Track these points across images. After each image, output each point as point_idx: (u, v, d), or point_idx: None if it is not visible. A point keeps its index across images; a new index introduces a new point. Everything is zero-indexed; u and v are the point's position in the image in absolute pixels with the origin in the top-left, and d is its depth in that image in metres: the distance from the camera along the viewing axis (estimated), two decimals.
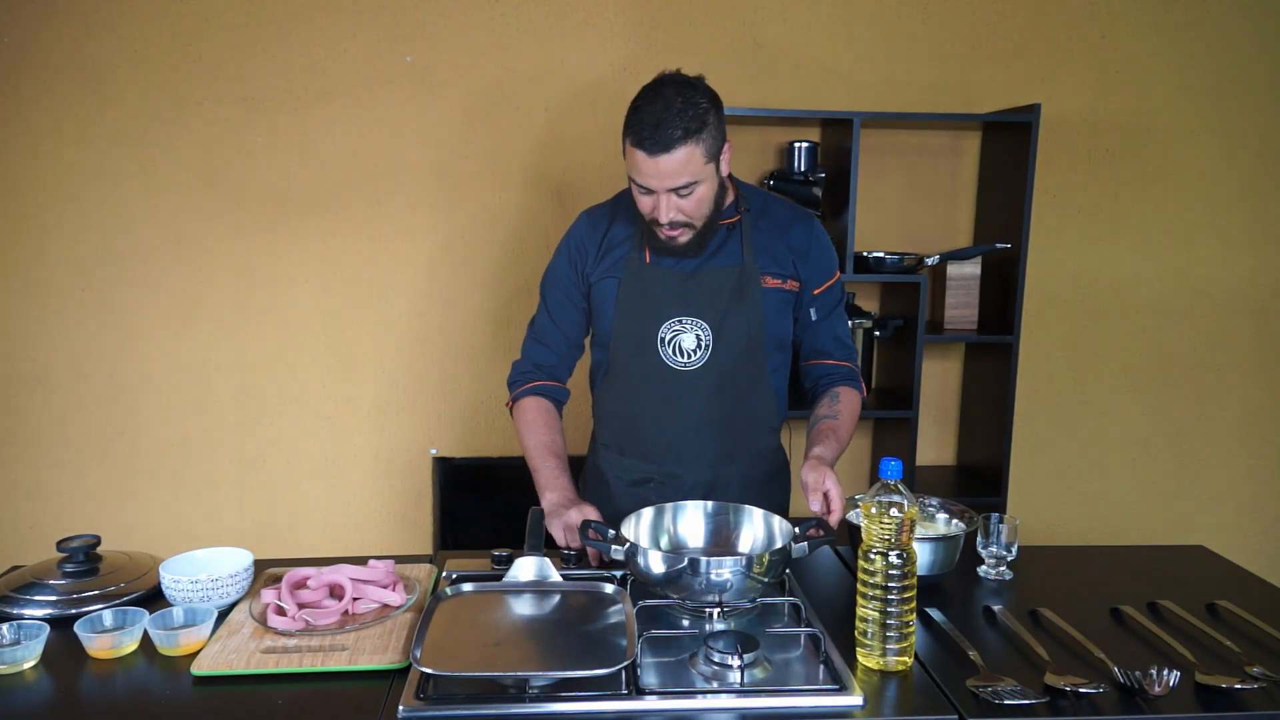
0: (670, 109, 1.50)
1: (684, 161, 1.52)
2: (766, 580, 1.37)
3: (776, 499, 1.85)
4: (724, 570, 1.34)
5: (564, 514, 1.61)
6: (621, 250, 1.72)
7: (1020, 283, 2.66)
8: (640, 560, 1.38)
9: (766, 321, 1.71)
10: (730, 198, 1.72)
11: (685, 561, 1.35)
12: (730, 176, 1.72)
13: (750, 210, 1.73)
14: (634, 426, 1.76)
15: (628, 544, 1.41)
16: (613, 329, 1.72)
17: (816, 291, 1.76)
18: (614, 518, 1.75)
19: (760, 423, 1.78)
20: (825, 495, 1.50)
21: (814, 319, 1.77)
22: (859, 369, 1.82)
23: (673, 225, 1.60)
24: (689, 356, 1.69)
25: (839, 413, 1.71)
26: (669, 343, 1.69)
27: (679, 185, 1.54)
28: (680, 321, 1.68)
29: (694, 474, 1.75)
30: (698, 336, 1.68)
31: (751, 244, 1.71)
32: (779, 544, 1.48)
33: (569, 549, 1.59)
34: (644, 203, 1.60)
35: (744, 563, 1.35)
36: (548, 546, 1.58)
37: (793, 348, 1.82)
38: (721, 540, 1.57)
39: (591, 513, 1.60)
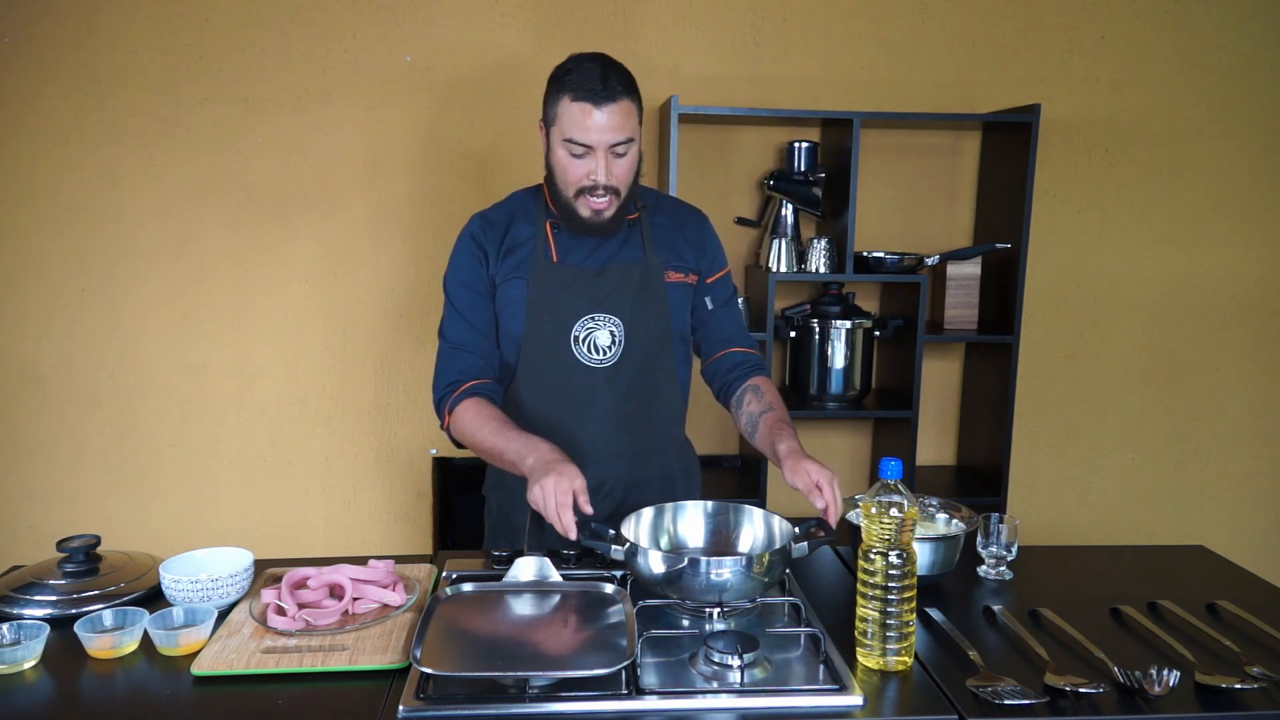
0: (609, 67, 1.58)
1: (625, 115, 1.57)
2: (767, 580, 1.37)
3: (694, 494, 1.84)
4: (724, 570, 1.34)
5: (546, 477, 1.41)
6: (525, 250, 1.70)
7: (1020, 283, 2.66)
8: (640, 560, 1.38)
9: (671, 315, 1.73)
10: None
11: (685, 561, 1.35)
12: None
13: (645, 207, 1.76)
14: (548, 427, 1.69)
15: (627, 544, 1.41)
16: (524, 330, 1.69)
17: (709, 280, 1.79)
18: (535, 530, 1.61)
19: (670, 416, 1.79)
20: (819, 488, 1.45)
21: (710, 308, 1.79)
22: (760, 355, 1.83)
23: (606, 190, 1.60)
24: (604, 353, 1.69)
25: (771, 404, 1.68)
26: (583, 340, 1.69)
27: (620, 140, 1.57)
28: (593, 318, 1.68)
29: (614, 472, 1.74)
30: (611, 333, 1.69)
31: (652, 239, 1.73)
32: (779, 544, 1.48)
33: (568, 530, 1.41)
34: (576, 169, 1.59)
35: (744, 562, 1.35)
36: (550, 554, 1.58)
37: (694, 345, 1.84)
38: (721, 540, 1.57)
39: (579, 483, 1.43)
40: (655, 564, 1.37)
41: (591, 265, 1.69)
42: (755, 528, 1.55)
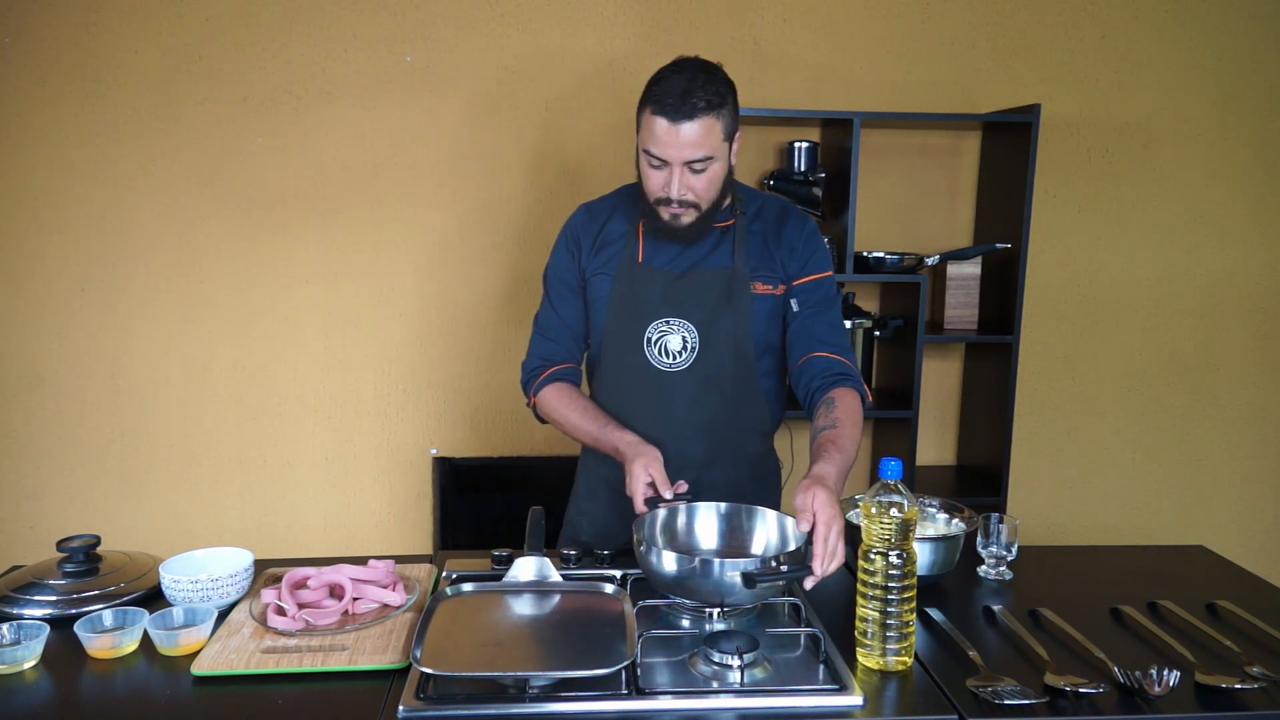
0: (695, 81, 1.53)
1: (704, 133, 1.53)
2: (780, 583, 1.37)
3: (766, 504, 1.83)
4: (737, 573, 1.34)
5: (635, 461, 1.56)
6: (616, 247, 1.72)
7: (1020, 283, 2.66)
8: (653, 560, 1.38)
9: (755, 326, 1.70)
10: (730, 197, 1.72)
11: (697, 563, 1.35)
12: (731, 173, 1.71)
13: (745, 214, 1.73)
14: (625, 424, 1.72)
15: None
16: (605, 326, 1.72)
17: (797, 282, 1.70)
18: (601, 516, 1.78)
19: (749, 426, 1.77)
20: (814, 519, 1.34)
21: (795, 309, 1.69)
22: (858, 369, 1.70)
23: (680, 204, 1.59)
24: (675, 358, 1.69)
25: (837, 420, 1.56)
26: (655, 343, 1.69)
27: (696, 158, 1.55)
28: (667, 322, 1.68)
29: (682, 475, 1.71)
30: (684, 338, 1.68)
31: (744, 248, 1.70)
32: (792, 546, 1.47)
33: (654, 499, 1.55)
34: (654, 179, 1.60)
35: (756, 565, 1.34)
36: (550, 554, 1.58)
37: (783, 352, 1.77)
38: (734, 542, 1.57)
39: (656, 470, 1.55)
40: (668, 564, 1.37)
41: (675, 269, 1.69)
42: (768, 530, 1.54)
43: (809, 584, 1.33)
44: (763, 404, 1.76)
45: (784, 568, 1.33)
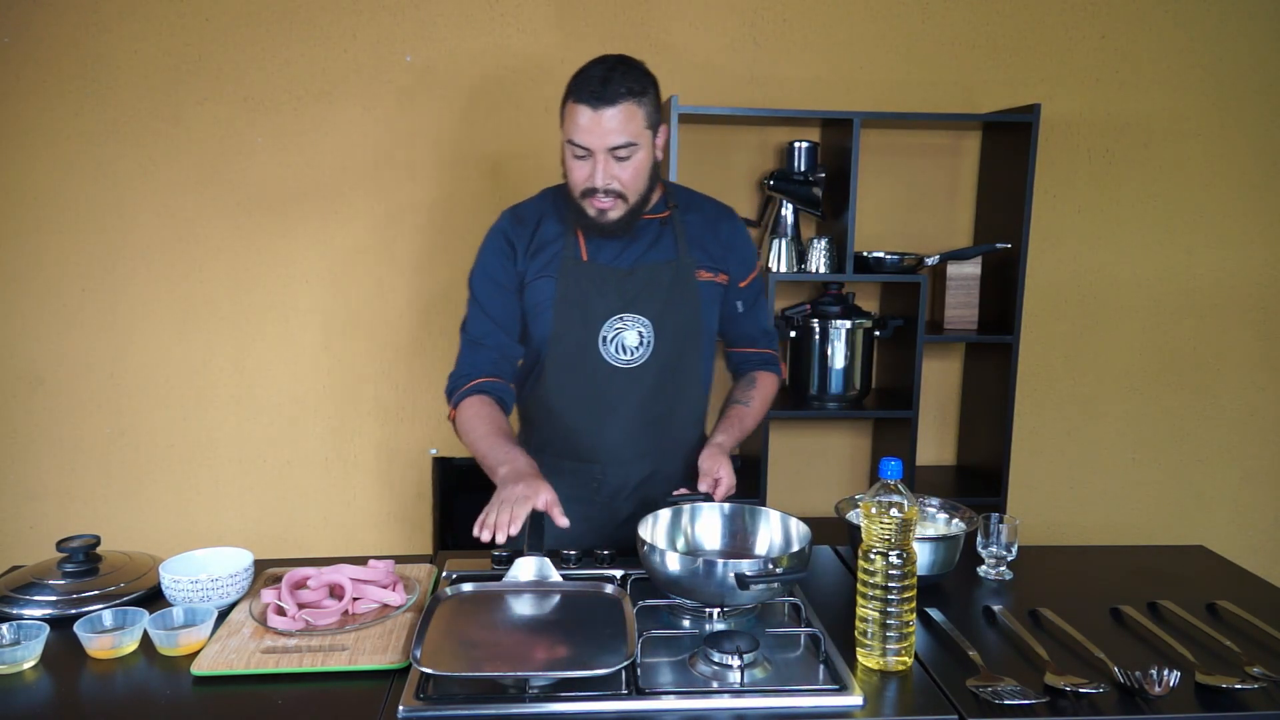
0: (616, 70, 1.55)
1: (626, 119, 1.54)
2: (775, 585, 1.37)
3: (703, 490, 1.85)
4: (745, 572, 1.33)
5: (515, 485, 1.46)
6: (554, 249, 1.69)
7: (1020, 283, 2.66)
8: (656, 560, 1.38)
9: (702, 314, 1.73)
10: (659, 193, 1.73)
11: (699, 563, 1.35)
12: (657, 167, 1.71)
13: (678, 205, 1.75)
14: (574, 427, 1.73)
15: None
16: (551, 330, 1.69)
17: (742, 285, 1.80)
18: (535, 530, 1.68)
19: (692, 416, 1.81)
20: (716, 481, 1.61)
21: (740, 311, 1.82)
22: (779, 354, 1.92)
23: (607, 193, 1.58)
24: (631, 354, 1.69)
25: (751, 398, 1.79)
26: (611, 341, 1.68)
27: (619, 144, 1.55)
28: (621, 319, 1.68)
29: (635, 471, 1.76)
30: (640, 333, 1.68)
31: (685, 238, 1.72)
32: (796, 546, 1.47)
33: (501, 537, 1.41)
34: (579, 171, 1.59)
35: (761, 565, 1.34)
36: (550, 554, 1.58)
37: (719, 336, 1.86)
38: (738, 542, 1.57)
39: (550, 497, 1.47)
40: (671, 564, 1.37)
41: (622, 264, 1.68)
42: (772, 530, 1.55)
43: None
44: (701, 392, 1.80)
45: (778, 570, 1.34)
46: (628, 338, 1.68)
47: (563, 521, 1.47)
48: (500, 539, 1.40)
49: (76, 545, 1.52)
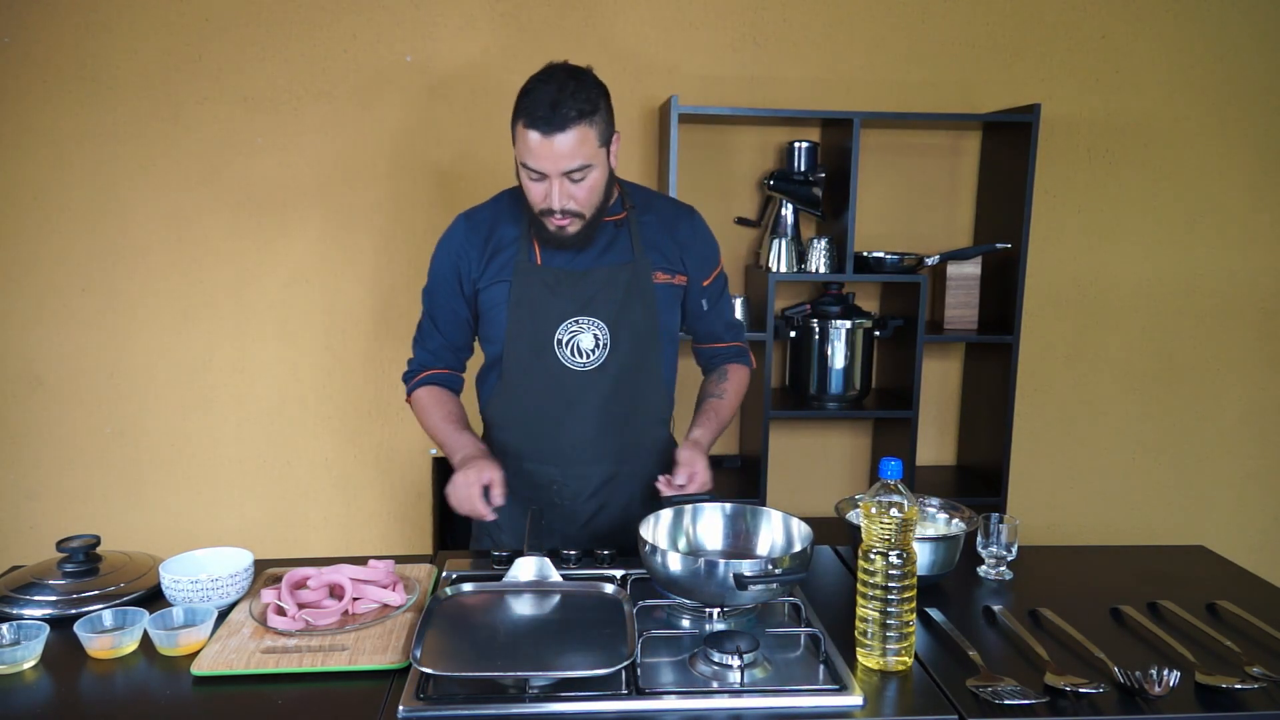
0: (564, 90, 1.52)
1: (578, 143, 1.52)
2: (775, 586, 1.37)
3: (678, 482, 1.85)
4: (744, 573, 1.33)
5: (466, 469, 1.57)
6: (509, 253, 1.70)
7: (1020, 283, 2.66)
8: (657, 560, 1.38)
9: (660, 316, 1.72)
10: (615, 194, 1.73)
11: (700, 563, 1.35)
12: (613, 174, 1.72)
13: (635, 207, 1.74)
14: (532, 430, 1.75)
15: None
16: (506, 333, 1.69)
17: (705, 283, 1.80)
18: (515, 522, 1.75)
19: (654, 416, 1.80)
20: (693, 475, 1.62)
21: (705, 309, 1.82)
22: (747, 344, 1.93)
23: (564, 214, 1.58)
24: (587, 357, 1.69)
25: (724, 391, 1.81)
26: (567, 344, 1.68)
27: (573, 168, 1.54)
28: (577, 321, 1.68)
29: (596, 472, 1.75)
30: (595, 336, 1.68)
31: (640, 240, 1.72)
32: (798, 546, 1.47)
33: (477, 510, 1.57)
34: (535, 191, 1.59)
35: (763, 565, 1.34)
36: (550, 554, 1.58)
37: (682, 333, 1.85)
38: (740, 542, 1.57)
39: (494, 476, 1.57)
40: (673, 565, 1.37)
41: (576, 267, 1.68)
42: (774, 531, 1.55)
43: (666, 491, 1.59)
44: (663, 393, 1.79)
45: (778, 570, 1.34)
46: (583, 340, 1.68)
47: (497, 499, 1.57)
48: (489, 517, 1.57)
49: (76, 545, 1.52)
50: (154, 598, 1.49)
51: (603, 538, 1.77)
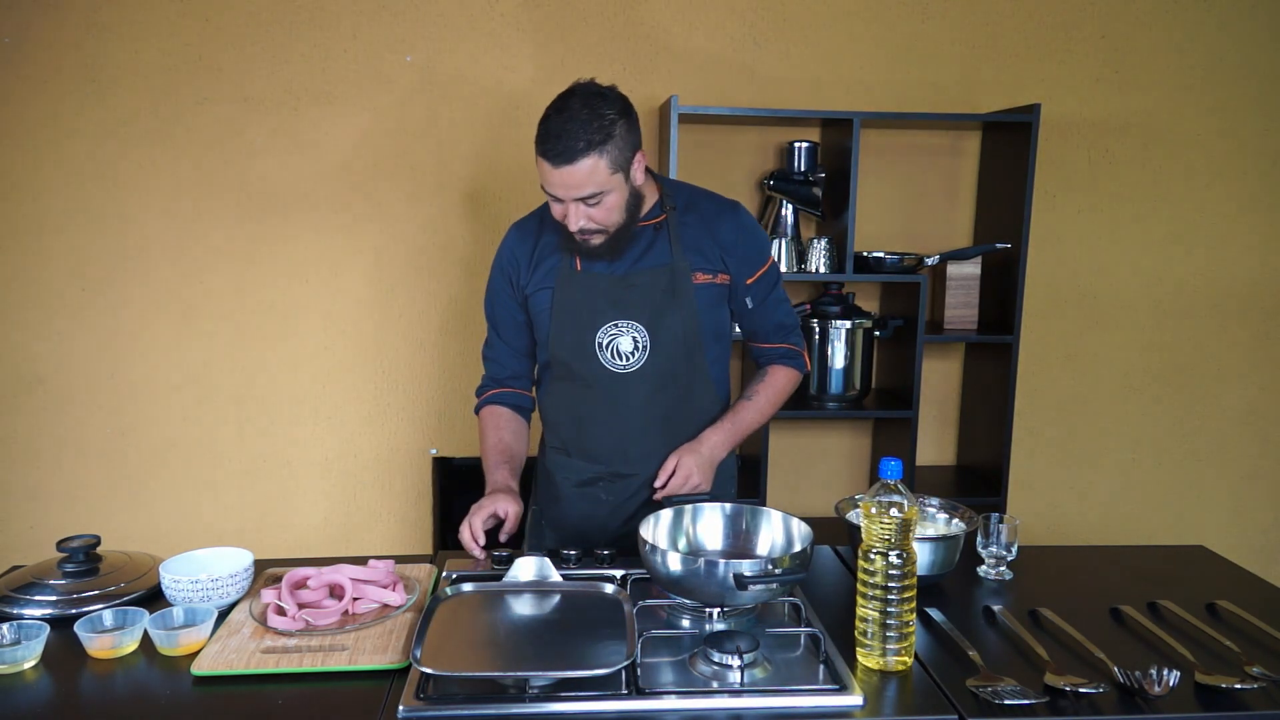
0: (575, 120, 1.52)
1: (588, 173, 1.54)
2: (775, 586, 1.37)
3: (725, 488, 1.87)
4: (744, 573, 1.33)
5: (481, 503, 1.68)
6: (553, 260, 1.73)
7: (1020, 283, 2.66)
8: (657, 560, 1.38)
9: (701, 317, 1.72)
10: (654, 198, 1.73)
11: (700, 563, 1.35)
12: (653, 175, 1.74)
13: (675, 208, 1.74)
14: (579, 430, 1.79)
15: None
16: (550, 337, 1.74)
17: (749, 281, 1.77)
18: (563, 517, 1.84)
19: (703, 415, 1.80)
20: (671, 475, 1.66)
21: (750, 307, 1.79)
22: (801, 347, 1.87)
23: (583, 231, 1.62)
24: (627, 359, 1.71)
25: (755, 393, 1.80)
26: (606, 347, 1.71)
27: (585, 195, 1.56)
28: (616, 325, 1.70)
29: (644, 471, 1.77)
30: (634, 339, 1.70)
31: (679, 242, 1.72)
32: (798, 546, 1.47)
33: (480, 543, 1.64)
34: (556, 210, 1.63)
35: (763, 565, 1.34)
36: (550, 554, 1.58)
37: (735, 330, 1.86)
38: (740, 542, 1.57)
39: (507, 509, 1.66)
40: (673, 564, 1.37)
41: (615, 272, 1.70)
42: (774, 530, 1.55)
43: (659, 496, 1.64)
44: (713, 392, 1.79)
45: (778, 570, 1.34)
46: (622, 343, 1.70)
47: (501, 539, 1.69)
48: (478, 555, 1.63)
49: (77, 545, 1.52)
50: (154, 598, 1.49)
51: None
